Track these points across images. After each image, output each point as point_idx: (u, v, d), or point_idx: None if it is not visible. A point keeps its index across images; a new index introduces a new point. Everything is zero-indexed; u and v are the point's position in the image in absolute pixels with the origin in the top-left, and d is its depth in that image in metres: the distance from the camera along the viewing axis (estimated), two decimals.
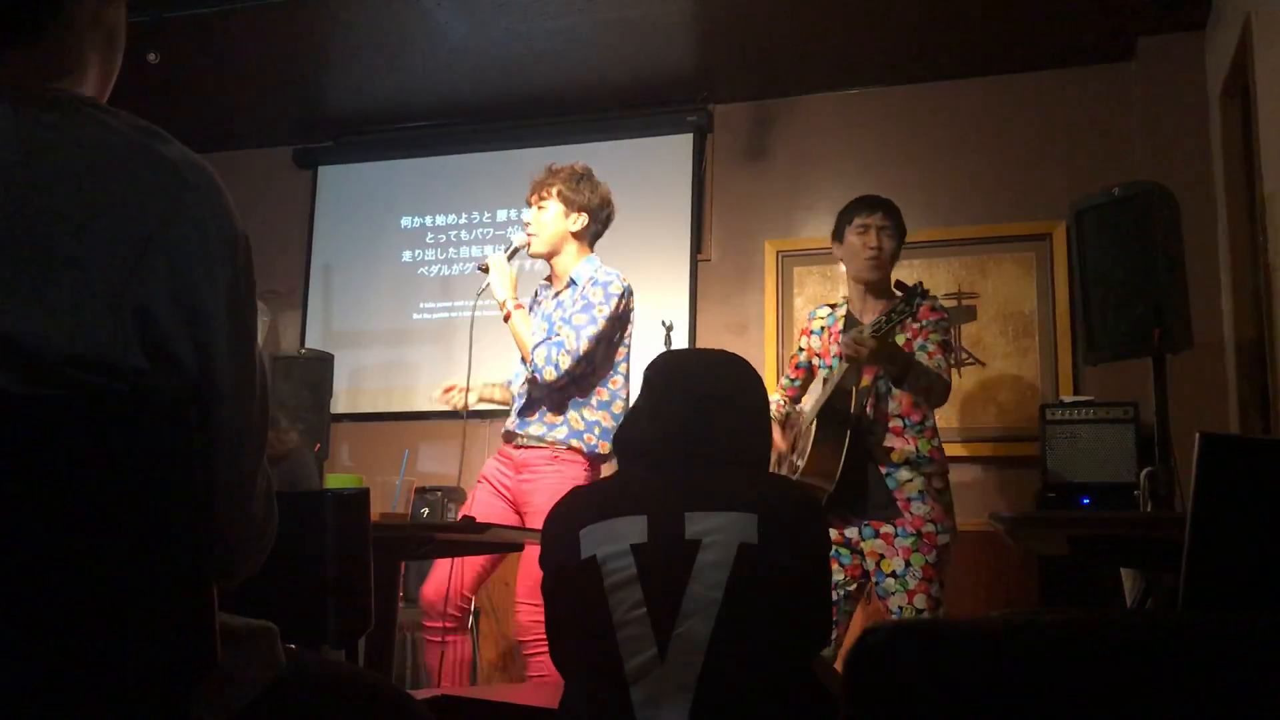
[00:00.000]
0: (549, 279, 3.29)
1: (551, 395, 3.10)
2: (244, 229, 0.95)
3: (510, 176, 5.06)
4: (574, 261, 3.20)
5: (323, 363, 4.57)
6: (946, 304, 4.36)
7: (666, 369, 1.87)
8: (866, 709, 0.65)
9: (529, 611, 2.99)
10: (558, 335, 3.05)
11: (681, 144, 4.84)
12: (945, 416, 4.30)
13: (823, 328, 3.17)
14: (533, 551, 2.98)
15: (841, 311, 3.15)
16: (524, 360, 3.12)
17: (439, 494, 4.39)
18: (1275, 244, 3.11)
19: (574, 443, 3.08)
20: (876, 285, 3.08)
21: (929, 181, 4.49)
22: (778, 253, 4.64)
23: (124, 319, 0.86)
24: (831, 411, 2.92)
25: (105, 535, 0.83)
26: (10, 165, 0.87)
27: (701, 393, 1.80)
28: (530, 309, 3.25)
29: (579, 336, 3.03)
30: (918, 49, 4.34)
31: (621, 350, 3.19)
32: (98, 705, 0.83)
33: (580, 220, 3.19)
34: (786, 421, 3.20)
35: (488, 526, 2.57)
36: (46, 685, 0.82)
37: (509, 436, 3.18)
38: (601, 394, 3.14)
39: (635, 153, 4.89)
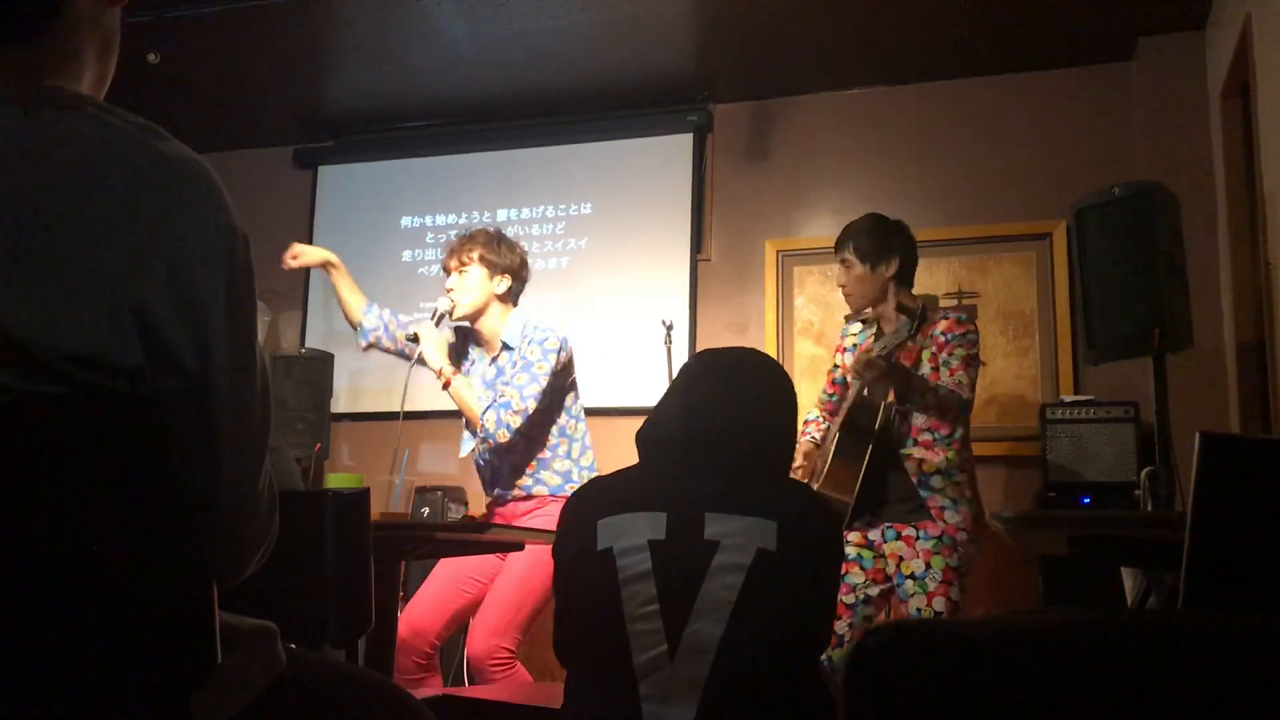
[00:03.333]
0: (478, 343, 3.28)
1: (515, 459, 3.12)
2: (243, 227, 0.95)
3: (510, 176, 5.07)
4: (501, 323, 3.20)
5: (323, 363, 4.57)
6: (946, 304, 4.37)
7: (700, 368, 1.88)
8: (866, 709, 0.65)
9: (482, 639, 2.97)
10: (503, 396, 3.06)
11: (681, 144, 4.84)
12: None
13: (854, 345, 3.19)
14: (502, 582, 2.99)
15: (873, 329, 3.16)
16: (469, 426, 3.13)
17: (439, 494, 4.40)
18: (1275, 244, 3.11)
19: (553, 495, 3.13)
20: (882, 308, 3.10)
21: (929, 181, 4.49)
22: (778, 253, 4.65)
23: (123, 317, 0.86)
24: (854, 427, 2.93)
25: (104, 535, 0.83)
26: (9, 163, 0.87)
27: (732, 395, 1.80)
28: (465, 371, 3.24)
29: (523, 396, 3.05)
30: (918, 49, 4.34)
31: (571, 396, 3.21)
32: (98, 705, 0.83)
33: (504, 282, 3.19)
34: (825, 438, 3.19)
35: (488, 526, 2.57)
36: (47, 685, 0.82)
37: (502, 500, 3.18)
38: (563, 444, 3.17)
39: (635, 153, 4.89)
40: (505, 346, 3.19)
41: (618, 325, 4.72)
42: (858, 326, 3.22)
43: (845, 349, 3.23)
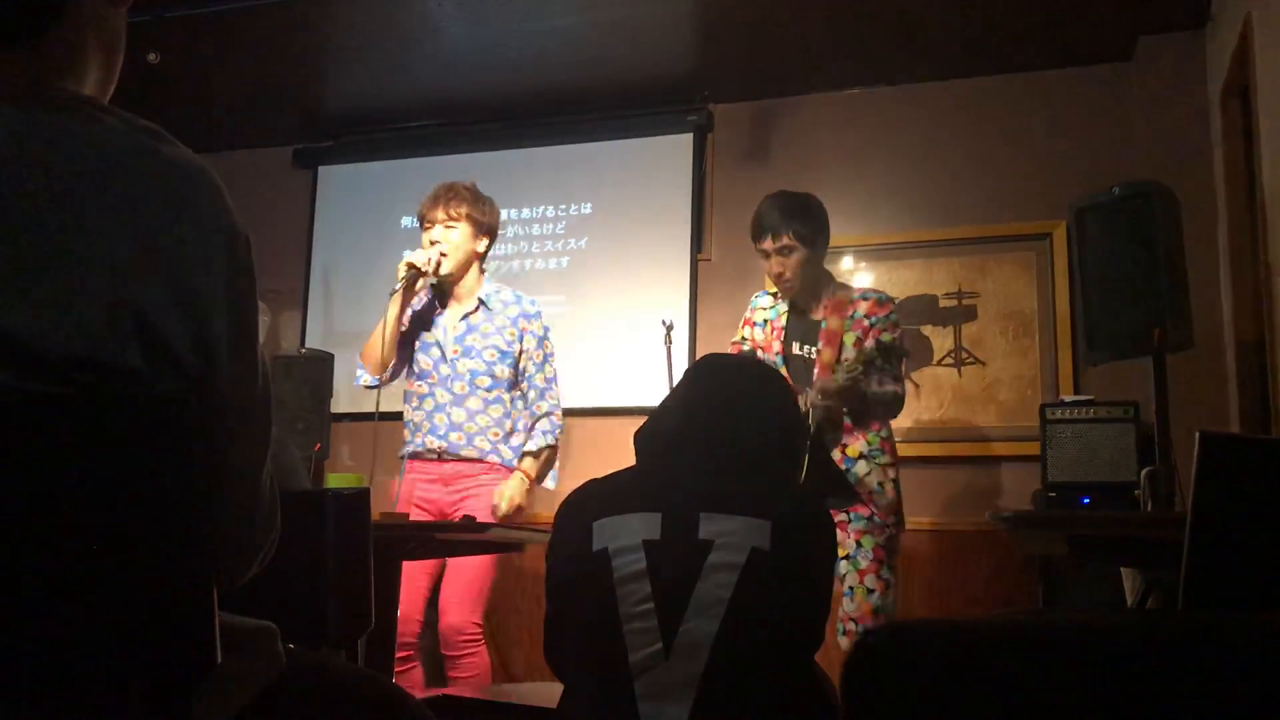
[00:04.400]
0: (443, 300, 3.28)
1: (483, 421, 3.15)
2: (244, 229, 0.95)
3: (510, 176, 5.06)
4: (476, 283, 3.25)
5: (323, 363, 4.57)
6: (946, 304, 4.37)
7: (704, 373, 1.90)
8: (866, 709, 0.65)
9: (457, 612, 3.00)
10: (540, 406, 3.18)
11: (681, 144, 4.84)
12: (946, 416, 4.30)
13: (765, 320, 3.14)
14: (462, 560, 3.01)
15: (785, 305, 3.12)
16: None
17: None
18: (1275, 244, 3.11)
19: (506, 466, 3.16)
20: (809, 290, 3.07)
21: (929, 181, 4.49)
22: None
23: (123, 319, 0.86)
24: None
25: (104, 535, 0.83)
26: (11, 164, 0.87)
27: (727, 397, 1.82)
28: (418, 315, 3.25)
29: (553, 384, 3.19)
30: (918, 49, 4.34)
31: None
32: (98, 705, 0.83)
33: (484, 243, 3.23)
34: None
35: (488, 526, 2.57)
36: (47, 685, 0.82)
37: (436, 454, 3.16)
38: (524, 418, 3.22)
39: (635, 153, 4.89)
40: (482, 305, 3.21)
41: (618, 325, 4.72)
42: (768, 300, 3.17)
43: (755, 323, 3.18)
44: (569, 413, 4.72)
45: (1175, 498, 2.63)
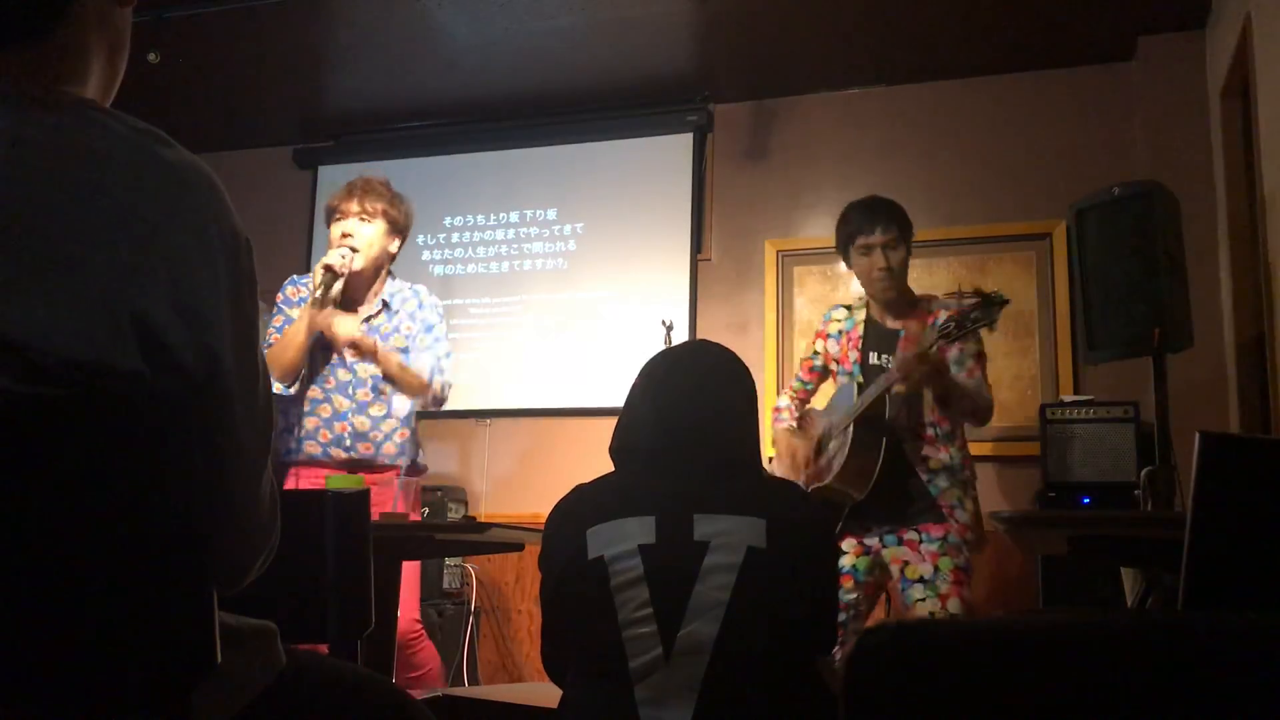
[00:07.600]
0: (347, 302, 3.02)
1: (389, 425, 2.98)
2: (245, 231, 0.95)
3: (511, 176, 5.07)
4: (381, 285, 3.07)
5: None
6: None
7: (665, 370, 1.85)
8: (866, 709, 0.65)
9: (404, 614, 2.90)
10: (420, 361, 2.97)
11: (681, 144, 4.84)
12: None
13: (840, 331, 3.06)
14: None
15: (861, 315, 3.04)
16: (404, 387, 2.92)
17: (439, 494, 4.40)
18: (1275, 244, 3.11)
19: (405, 460, 2.99)
20: (894, 296, 2.99)
21: (929, 181, 4.49)
22: (778, 252, 4.65)
23: (123, 322, 0.85)
24: (869, 419, 2.83)
25: (104, 536, 0.83)
26: (10, 167, 0.87)
27: (702, 395, 1.79)
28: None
29: (447, 355, 3.02)
30: (918, 49, 4.34)
31: None
32: (98, 705, 0.83)
33: (396, 243, 3.07)
34: (800, 424, 3.11)
35: (488, 526, 2.57)
36: (47, 685, 0.82)
37: (358, 465, 2.93)
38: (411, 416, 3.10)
39: (635, 153, 4.89)
40: (385, 306, 3.06)
41: (618, 325, 4.72)
42: (843, 311, 3.10)
43: (829, 335, 3.10)
44: (570, 412, 4.74)
45: (1175, 498, 2.63)
